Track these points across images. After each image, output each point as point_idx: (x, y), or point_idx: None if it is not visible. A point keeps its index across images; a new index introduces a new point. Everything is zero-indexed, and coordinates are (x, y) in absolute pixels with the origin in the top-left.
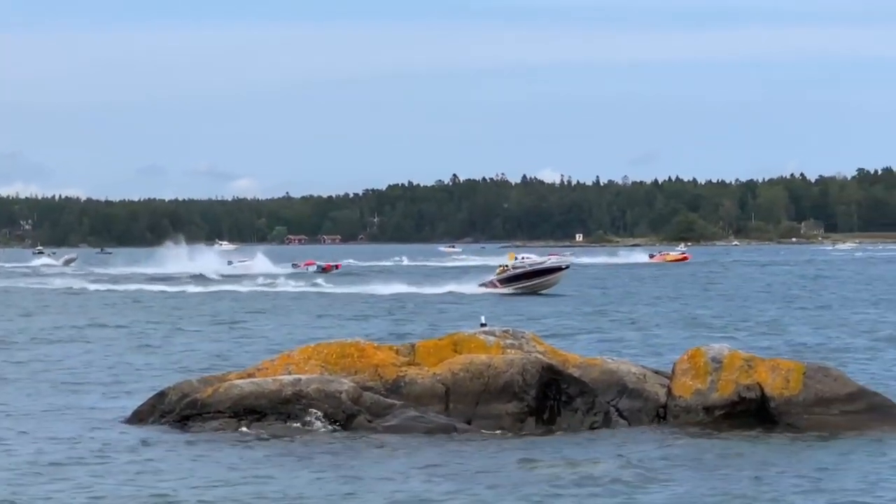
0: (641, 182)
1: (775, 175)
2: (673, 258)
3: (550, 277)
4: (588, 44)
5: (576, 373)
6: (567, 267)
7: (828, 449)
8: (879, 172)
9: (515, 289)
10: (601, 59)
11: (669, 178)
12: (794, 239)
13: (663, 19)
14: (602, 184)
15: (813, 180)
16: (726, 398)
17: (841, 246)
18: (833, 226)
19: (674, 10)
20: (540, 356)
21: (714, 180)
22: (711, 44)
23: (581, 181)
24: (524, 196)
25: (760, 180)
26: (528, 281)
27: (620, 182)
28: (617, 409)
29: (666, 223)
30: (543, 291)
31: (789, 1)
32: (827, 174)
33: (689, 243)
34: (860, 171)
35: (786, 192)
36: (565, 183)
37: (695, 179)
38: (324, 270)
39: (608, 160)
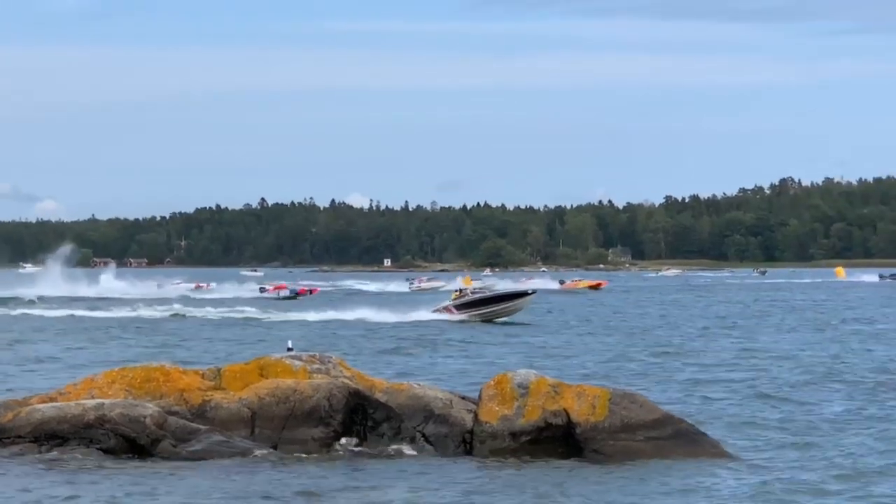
0: (450, 207)
1: (583, 202)
2: (587, 285)
3: (513, 304)
4: (397, 69)
5: (382, 398)
6: (533, 293)
7: (623, 476)
8: (686, 200)
9: (472, 315)
10: (409, 84)
11: (478, 204)
12: (601, 266)
13: (473, 45)
14: (411, 209)
15: (621, 207)
16: (533, 424)
17: (666, 273)
18: (640, 252)
19: (482, 36)
20: (347, 381)
21: (522, 206)
22: (520, 71)
23: (390, 206)
24: (332, 221)
25: (568, 207)
26: (488, 307)
27: (429, 208)
28: (423, 435)
29: (474, 249)
30: (503, 319)
31: (595, 29)
32: (635, 201)
33: (497, 269)
34: (667, 198)
35: (594, 218)
36: (374, 208)
37: (503, 205)
38: (297, 295)
39: (417, 186)
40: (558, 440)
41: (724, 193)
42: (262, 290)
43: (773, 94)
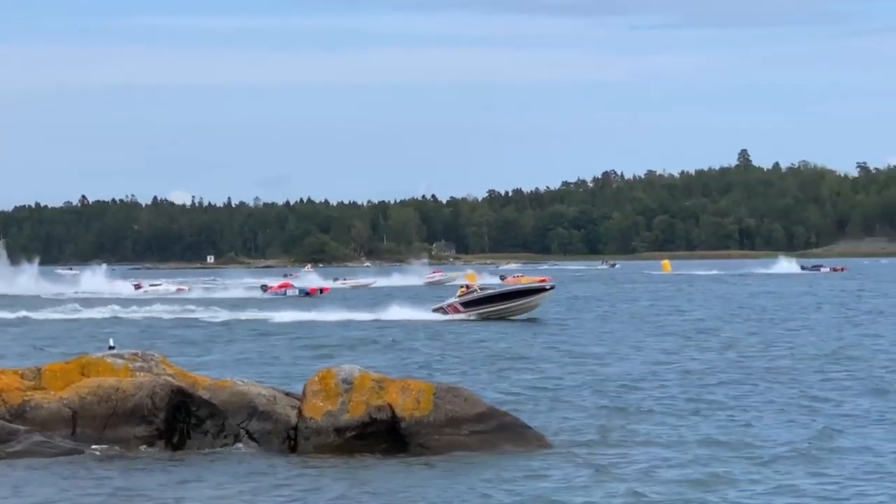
0: (273, 204)
1: (407, 196)
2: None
3: (529, 300)
4: (219, 65)
5: (205, 395)
6: (551, 288)
7: (445, 469)
8: (509, 194)
9: (481, 314)
10: (231, 81)
11: (301, 200)
12: (425, 260)
13: (292, 41)
14: (233, 205)
15: (444, 202)
16: (357, 419)
17: (507, 267)
18: (465, 247)
19: (305, 31)
20: (170, 379)
21: (346, 202)
22: (342, 66)
23: (213, 203)
24: (155, 218)
25: (392, 202)
26: (500, 304)
27: (252, 204)
28: (247, 432)
29: (298, 245)
30: (516, 317)
31: (419, 24)
32: (458, 196)
33: (321, 264)
34: (491, 192)
35: (417, 213)
36: (196, 205)
37: (327, 201)
38: (307, 295)
39: (239, 182)
40: (384, 435)
41: (548, 187)
42: (263, 288)
43: (595, 88)
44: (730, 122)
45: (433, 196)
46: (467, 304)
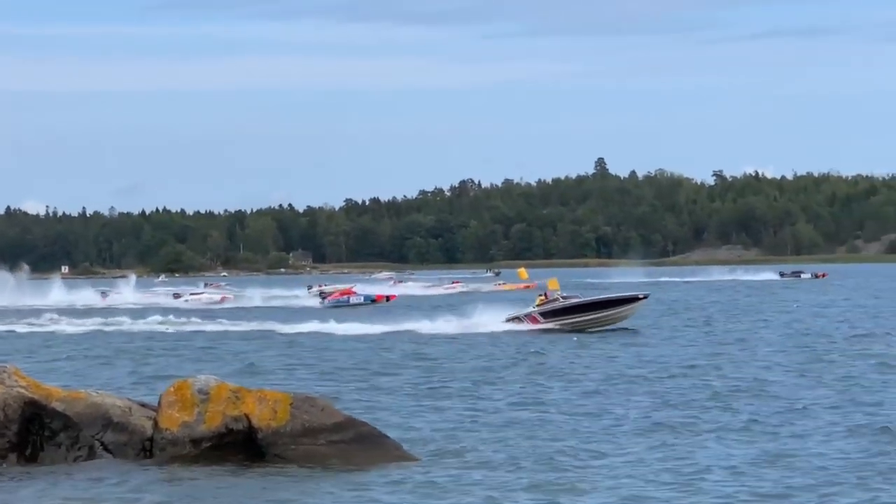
0: (128, 213)
1: (264, 206)
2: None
3: (621, 310)
4: (68, 72)
5: (59, 407)
6: (645, 297)
7: (298, 479)
8: (366, 203)
9: (565, 324)
10: (83, 88)
11: (157, 210)
12: (282, 269)
13: (149, 48)
14: (88, 215)
15: (301, 211)
16: (214, 430)
17: (378, 276)
18: (322, 256)
19: (161, 39)
20: (22, 391)
21: (202, 211)
22: (198, 73)
23: (67, 212)
24: (8, 227)
25: (249, 211)
26: (588, 314)
27: (107, 214)
28: (102, 443)
29: (153, 255)
30: (603, 328)
31: (276, 32)
32: (315, 205)
33: (178, 274)
34: (348, 201)
35: (274, 222)
36: (50, 214)
37: (183, 210)
38: (373, 302)
39: (94, 192)
40: (241, 446)
41: (405, 196)
42: (322, 296)
43: (451, 96)
44: (586, 130)
45: (290, 205)
46: (548, 314)
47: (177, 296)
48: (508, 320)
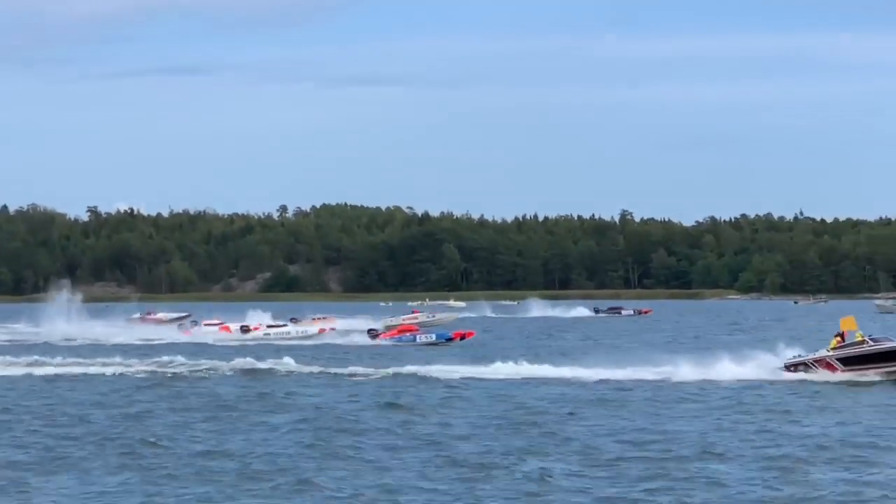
0: None
1: None
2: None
3: None
4: None
5: None
6: None
7: None
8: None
9: (877, 373)
10: None
11: None
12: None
13: None
14: None
15: None
16: None
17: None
18: None
19: None
20: None
21: None
22: None
23: None
24: None
25: None
26: None
27: None
28: None
29: None
30: None
31: None
32: None
33: None
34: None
35: None
36: None
37: None
38: (448, 341)
39: None
40: None
41: None
42: (372, 334)
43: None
44: None
45: None
46: (847, 361)
47: (245, 329)
48: (787, 368)
